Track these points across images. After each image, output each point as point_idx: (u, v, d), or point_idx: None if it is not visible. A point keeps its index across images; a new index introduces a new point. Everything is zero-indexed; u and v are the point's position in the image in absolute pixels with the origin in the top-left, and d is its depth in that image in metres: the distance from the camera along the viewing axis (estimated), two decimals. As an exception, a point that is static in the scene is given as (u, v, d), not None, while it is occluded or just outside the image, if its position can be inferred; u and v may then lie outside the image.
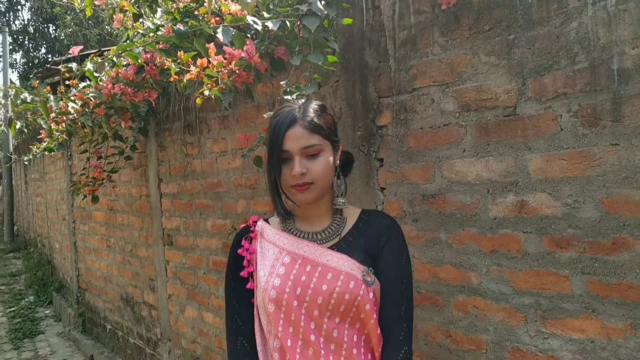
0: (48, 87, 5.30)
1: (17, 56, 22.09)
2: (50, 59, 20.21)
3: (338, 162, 1.38)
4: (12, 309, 6.88)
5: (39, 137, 3.52)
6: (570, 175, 1.42)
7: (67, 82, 2.81)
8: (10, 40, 19.43)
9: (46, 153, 3.34)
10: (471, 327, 1.69)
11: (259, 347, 1.39)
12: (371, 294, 1.32)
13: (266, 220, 1.47)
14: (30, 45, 21.53)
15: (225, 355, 1.43)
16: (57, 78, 11.98)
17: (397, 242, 1.39)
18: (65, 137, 3.01)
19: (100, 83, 2.32)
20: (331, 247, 1.36)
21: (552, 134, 1.45)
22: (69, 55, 2.47)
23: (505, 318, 1.60)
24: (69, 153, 5.43)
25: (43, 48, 21.63)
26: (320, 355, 1.29)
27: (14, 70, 22.01)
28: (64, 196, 6.07)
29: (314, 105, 1.34)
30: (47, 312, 6.72)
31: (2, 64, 15.62)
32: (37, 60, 21.52)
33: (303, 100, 1.38)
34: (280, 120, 1.30)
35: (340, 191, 1.38)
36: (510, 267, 1.57)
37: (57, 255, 7.08)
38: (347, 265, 1.32)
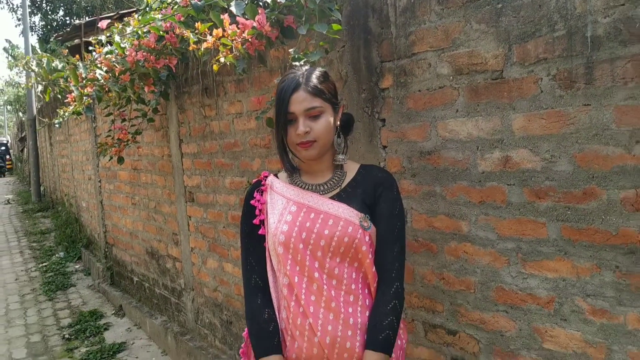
0: (65, 50, 5.46)
1: (36, 19, 22.20)
2: (68, 22, 20.32)
3: (338, 122, 1.56)
4: (44, 264, 7.29)
5: (65, 101, 3.74)
6: (548, 132, 1.58)
7: (90, 48, 2.99)
8: (29, 3, 19.52)
9: (74, 116, 3.55)
10: (461, 270, 1.88)
11: (271, 284, 1.61)
12: (367, 237, 1.51)
13: (275, 175, 1.67)
14: (49, 7, 21.61)
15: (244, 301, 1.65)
16: (76, 41, 12.16)
17: (392, 193, 1.58)
18: (91, 101, 3.22)
19: (125, 52, 2.50)
20: (332, 197, 1.55)
21: (533, 95, 1.61)
22: (90, 19, 2.65)
23: (491, 261, 1.79)
24: (93, 116, 5.65)
25: (61, 10, 21.70)
26: (323, 289, 1.50)
27: (33, 33, 22.15)
28: (89, 157, 6.34)
29: (316, 72, 1.52)
30: (76, 267, 7.11)
31: (22, 26, 15.80)
32: (55, 23, 21.64)
33: (307, 67, 1.55)
34: (285, 85, 1.48)
35: (340, 149, 1.57)
36: (496, 215, 1.75)
37: (84, 213, 7.42)
38: (346, 212, 1.51)
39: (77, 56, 3.81)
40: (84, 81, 2.68)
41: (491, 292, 1.80)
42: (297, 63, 1.91)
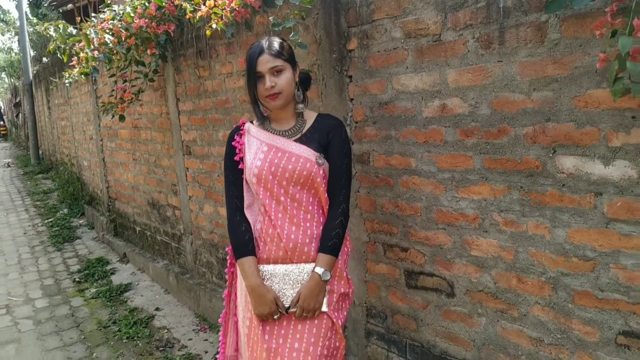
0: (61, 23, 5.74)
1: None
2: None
3: (297, 79, 1.97)
4: (50, 219, 7.74)
5: (70, 64, 4.10)
6: (473, 84, 2.00)
7: (92, 15, 3.34)
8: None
9: (82, 77, 3.93)
10: (411, 198, 2.33)
11: (246, 205, 2.04)
12: (321, 171, 1.95)
13: (251, 122, 2.09)
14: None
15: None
16: (70, 6, 12.31)
17: (341, 137, 2.01)
18: (97, 63, 3.60)
19: (130, 19, 2.87)
20: (296, 140, 1.98)
21: (462, 54, 2.02)
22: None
23: (432, 189, 2.23)
24: (94, 78, 6.00)
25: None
26: (287, 209, 1.95)
27: (24, -3, 22.03)
28: (90, 118, 6.71)
29: (276, 39, 1.93)
30: (80, 222, 7.56)
31: (14, -9, 15.83)
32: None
33: (268, 37, 1.96)
34: (252, 51, 1.89)
35: (299, 99, 2.00)
36: (436, 152, 2.18)
37: (85, 172, 7.83)
38: (305, 152, 1.95)
39: (79, 19, 4.14)
40: (97, 45, 3.05)
41: (433, 214, 2.25)
42: (276, 29, 2.31)
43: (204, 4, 2.30)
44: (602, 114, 1.65)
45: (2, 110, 34.87)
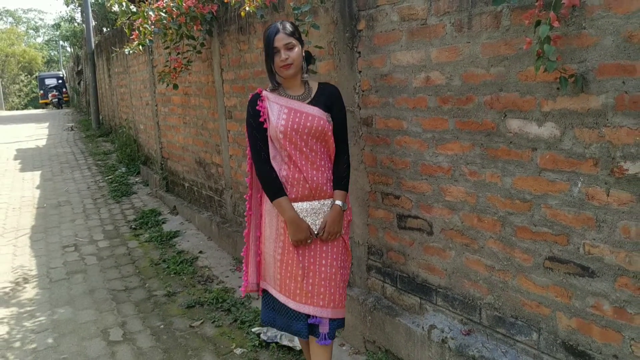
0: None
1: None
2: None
3: (303, 54, 2.49)
4: (109, 177, 8.60)
5: (131, 37, 4.75)
6: (449, 60, 2.47)
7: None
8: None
9: (140, 47, 4.56)
10: (403, 155, 2.83)
11: (271, 157, 2.57)
12: (331, 127, 2.48)
13: (266, 90, 2.61)
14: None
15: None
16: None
17: (340, 101, 2.54)
18: (152, 37, 4.22)
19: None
20: (308, 103, 2.51)
21: (442, 36, 2.49)
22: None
23: (418, 147, 2.73)
24: (150, 49, 6.68)
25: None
26: (309, 156, 2.47)
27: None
28: (146, 85, 7.43)
29: (288, 22, 2.45)
30: (136, 179, 8.38)
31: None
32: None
33: (281, 20, 2.47)
34: (270, 31, 2.42)
35: (305, 70, 2.51)
36: (422, 116, 2.67)
37: (141, 134, 8.62)
38: (318, 112, 2.47)
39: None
40: (154, 21, 3.66)
41: (418, 167, 2.75)
42: (297, 11, 2.83)
43: (240, -10, 2.84)
44: (537, 86, 2.11)
45: (64, 78, 36.73)
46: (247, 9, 2.89)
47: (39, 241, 5.67)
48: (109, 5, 4.57)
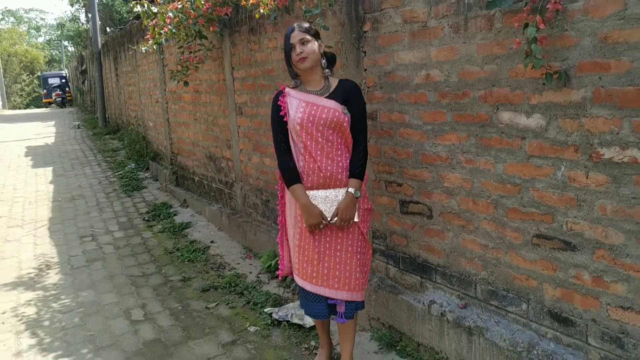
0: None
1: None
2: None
3: (322, 49, 2.73)
4: (119, 172, 8.86)
5: (145, 37, 5.00)
6: (448, 59, 2.72)
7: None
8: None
9: (154, 46, 4.82)
10: (405, 145, 3.09)
11: (292, 147, 2.81)
12: (347, 118, 2.71)
13: (289, 87, 2.86)
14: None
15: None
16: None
17: (358, 95, 2.77)
18: (166, 36, 4.48)
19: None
20: (326, 97, 2.75)
21: (441, 37, 2.74)
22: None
23: (419, 138, 2.98)
24: (161, 49, 6.94)
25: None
26: (324, 147, 2.69)
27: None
28: (157, 83, 7.68)
29: (304, 22, 2.70)
30: (145, 175, 8.64)
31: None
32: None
33: (298, 22, 2.72)
34: (288, 30, 2.68)
35: (325, 66, 2.76)
36: (422, 110, 2.93)
37: (150, 131, 8.88)
38: (334, 105, 2.71)
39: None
40: (175, 23, 3.92)
41: (419, 157, 3.00)
42: (307, 14, 3.09)
43: (255, -6, 3.09)
44: (525, 81, 2.36)
45: (67, 78, 37.00)
46: (261, 11, 3.15)
47: (57, 232, 5.94)
48: (131, 4, 4.83)
